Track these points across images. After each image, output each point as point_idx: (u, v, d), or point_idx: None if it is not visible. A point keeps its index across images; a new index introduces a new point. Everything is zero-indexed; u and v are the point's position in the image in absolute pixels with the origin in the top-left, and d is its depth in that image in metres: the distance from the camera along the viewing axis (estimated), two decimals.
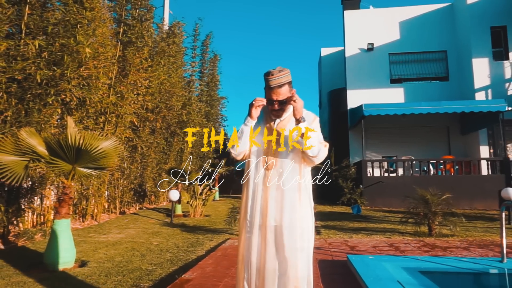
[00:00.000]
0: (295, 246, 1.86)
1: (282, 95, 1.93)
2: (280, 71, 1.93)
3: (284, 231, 1.87)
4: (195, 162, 15.14)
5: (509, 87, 13.58)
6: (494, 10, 13.86)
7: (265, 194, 1.94)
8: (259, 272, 1.87)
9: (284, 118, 2.04)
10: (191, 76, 13.35)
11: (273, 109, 1.98)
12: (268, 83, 1.92)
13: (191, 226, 7.69)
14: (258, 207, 1.93)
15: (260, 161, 1.99)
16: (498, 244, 5.09)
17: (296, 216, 1.91)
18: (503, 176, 11.18)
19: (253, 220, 1.92)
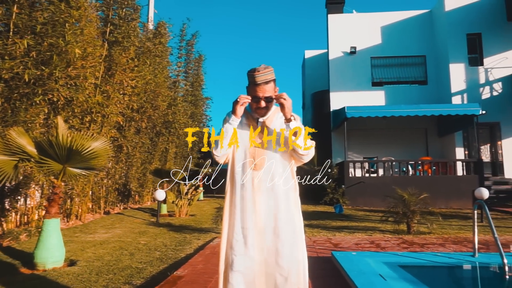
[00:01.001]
0: (291, 248, 1.82)
1: (267, 92, 1.89)
2: (265, 68, 1.89)
3: (279, 233, 1.82)
4: (179, 162, 15.14)
5: (483, 91, 14.21)
6: (470, 18, 14.47)
7: (254, 196, 1.85)
8: (254, 277, 1.79)
9: (268, 117, 1.99)
10: (176, 76, 13.37)
11: (258, 106, 1.92)
12: (254, 79, 1.86)
13: (177, 225, 7.76)
14: (249, 210, 1.83)
15: (247, 162, 1.90)
16: (471, 241, 5.41)
17: (290, 218, 1.86)
18: (476, 177, 11.71)
19: (243, 224, 1.83)
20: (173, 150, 13.53)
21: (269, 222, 1.83)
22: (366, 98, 15.27)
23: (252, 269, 1.80)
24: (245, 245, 1.81)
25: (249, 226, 1.83)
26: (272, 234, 1.82)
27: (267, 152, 1.91)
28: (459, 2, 14.59)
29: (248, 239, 1.82)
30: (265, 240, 1.82)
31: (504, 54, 14.24)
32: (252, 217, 1.83)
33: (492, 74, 14.22)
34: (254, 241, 1.82)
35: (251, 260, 1.80)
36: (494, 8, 14.50)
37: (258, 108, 1.93)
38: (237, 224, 1.85)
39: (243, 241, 1.82)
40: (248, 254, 1.81)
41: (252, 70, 1.89)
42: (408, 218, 6.30)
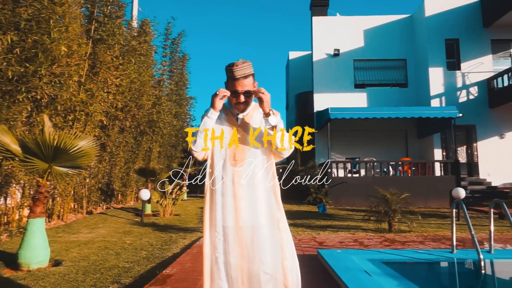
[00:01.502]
0: (274, 245, 1.80)
1: (247, 86, 1.86)
2: (244, 62, 1.86)
3: (261, 230, 1.79)
4: (162, 161, 15.04)
5: (460, 95, 14.72)
6: (449, 23, 14.97)
7: (235, 193, 1.81)
8: (241, 276, 1.76)
9: (248, 113, 1.96)
10: (161, 75, 13.27)
11: (237, 102, 1.88)
12: (233, 74, 1.83)
13: (162, 225, 7.74)
14: (229, 207, 1.80)
15: (227, 159, 1.87)
16: (449, 238, 5.64)
17: (272, 214, 1.84)
18: (453, 177, 12.13)
19: (224, 222, 1.80)
20: (156, 150, 13.43)
21: (250, 219, 1.79)
22: (348, 99, 15.57)
23: (236, 267, 1.76)
24: (227, 243, 1.78)
25: (230, 225, 1.79)
26: (254, 231, 1.78)
27: (247, 148, 1.87)
28: (438, 8, 15.07)
29: (229, 237, 1.78)
30: (247, 237, 1.77)
31: (480, 59, 14.80)
32: (233, 215, 1.79)
33: (469, 78, 14.75)
34: (236, 239, 1.77)
35: (234, 258, 1.76)
36: (471, 15, 15.05)
37: (238, 103, 1.90)
38: (218, 222, 1.81)
39: (224, 239, 1.79)
40: (231, 252, 1.77)
41: (230, 64, 1.85)
42: (390, 217, 6.50)
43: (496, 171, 13.72)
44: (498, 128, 14.24)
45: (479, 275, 3.24)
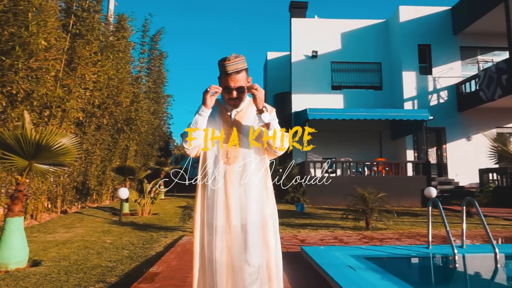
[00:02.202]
0: (266, 244, 1.79)
1: (240, 82, 1.81)
2: (237, 57, 1.81)
3: (251, 230, 1.76)
4: (139, 160, 14.79)
5: (431, 98, 15.36)
6: (421, 30, 15.58)
7: (226, 191, 1.79)
8: (226, 274, 1.75)
9: (241, 109, 1.92)
10: (139, 72, 13.05)
11: (230, 97, 1.84)
12: (225, 69, 1.78)
13: (141, 224, 7.64)
14: (220, 205, 1.78)
15: (219, 156, 1.84)
16: (422, 235, 5.92)
17: (264, 213, 1.82)
18: (425, 177, 12.65)
19: (214, 221, 1.78)
20: (133, 148, 13.20)
21: (241, 218, 1.77)
22: (325, 101, 15.89)
23: (223, 265, 1.75)
24: (217, 241, 1.76)
25: (220, 223, 1.77)
26: (244, 230, 1.76)
27: (241, 146, 1.84)
28: (412, 15, 15.65)
29: (218, 236, 1.76)
30: (237, 236, 1.76)
31: (450, 65, 15.50)
32: (223, 213, 1.77)
33: (439, 83, 15.42)
34: (225, 237, 1.76)
35: (222, 257, 1.75)
36: (442, 22, 15.73)
37: (231, 99, 1.86)
38: (208, 220, 1.80)
39: (214, 237, 1.77)
40: (220, 250, 1.75)
41: (222, 59, 1.80)
42: (367, 215, 6.73)
43: (463, 171, 14.42)
44: (465, 131, 14.98)
45: (453, 268, 3.45)
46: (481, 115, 14.69)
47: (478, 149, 14.01)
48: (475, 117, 14.83)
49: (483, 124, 14.68)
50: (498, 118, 14.77)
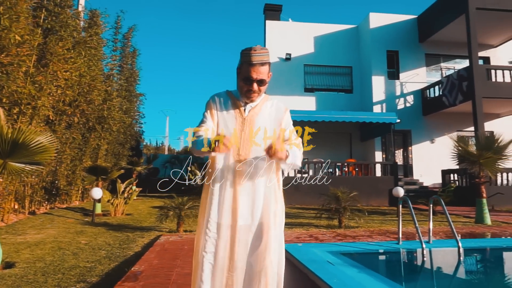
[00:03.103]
0: (269, 244, 1.74)
1: (262, 74, 1.73)
2: (262, 49, 1.74)
3: (258, 229, 1.74)
4: (109, 159, 14.45)
5: (398, 102, 16.06)
6: (390, 36, 16.25)
7: (235, 190, 1.74)
8: (228, 274, 1.71)
9: (256, 105, 1.85)
10: (111, 69, 12.76)
11: (249, 89, 1.76)
12: (250, 58, 1.70)
13: (115, 224, 7.53)
14: (227, 204, 1.73)
15: (230, 152, 1.74)
16: (392, 232, 6.25)
17: (272, 213, 1.78)
18: (392, 178, 13.20)
19: (221, 219, 1.73)
20: (104, 147, 12.89)
21: (248, 218, 1.73)
22: (298, 103, 16.21)
23: (225, 265, 1.71)
24: (221, 241, 1.71)
25: (224, 222, 1.72)
26: (251, 230, 1.73)
27: (254, 143, 1.78)
28: (382, 22, 16.30)
29: (223, 235, 1.71)
30: (242, 236, 1.72)
31: (415, 70, 16.28)
32: (229, 213, 1.72)
33: (406, 87, 16.15)
34: (230, 237, 1.71)
35: (225, 257, 1.71)
36: (409, 30, 16.49)
37: (249, 91, 1.77)
38: (213, 219, 1.74)
39: (218, 236, 1.72)
40: (224, 249, 1.71)
41: (247, 48, 1.73)
42: (340, 214, 7.00)
43: (427, 172, 15.20)
44: (429, 133, 15.79)
45: (422, 262, 3.72)
46: (444, 119, 15.55)
47: (441, 151, 14.82)
48: (438, 121, 15.67)
49: (445, 128, 15.54)
50: (459, 122, 15.68)
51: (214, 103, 1.87)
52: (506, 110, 15.49)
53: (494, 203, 10.93)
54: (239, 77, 1.79)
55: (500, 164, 7.99)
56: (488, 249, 4.49)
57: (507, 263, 4.21)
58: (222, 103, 1.86)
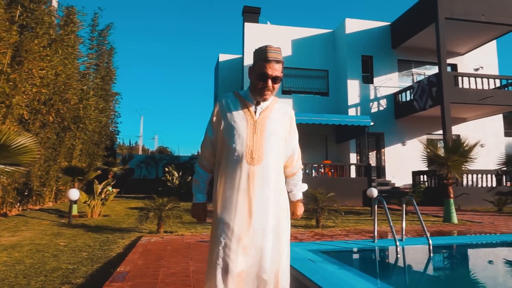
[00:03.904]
0: (279, 250, 1.74)
1: (277, 72, 1.75)
2: (277, 48, 1.78)
3: (269, 234, 1.72)
4: (84, 159, 14.13)
5: (372, 106, 16.61)
6: (365, 42, 16.79)
7: (249, 192, 1.71)
8: (240, 277, 1.67)
9: (267, 107, 1.84)
10: (87, 68, 12.50)
11: (264, 86, 1.76)
12: (266, 55, 1.73)
13: (93, 226, 7.44)
14: (243, 207, 1.70)
15: (244, 155, 1.73)
16: (367, 231, 6.53)
17: (282, 217, 1.79)
18: (366, 179, 13.66)
19: (233, 223, 1.69)
20: (79, 147, 12.61)
21: (262, 221, 1.71)
22: None
23: (241, 269, 1.67)
24: (240, 245, 1.67)
25: (240, 226, 1.68)
26: (263, 233, 1.71)
27: (264, 146, 1.77)
28: (357, 27, 16.81)
29: (235, 238, 1.67)
30: (255, 239, 1.69)
31: (388, 75, 16.90)
32: (246, 215, 1.69)
33: (380, 91, 16.74)
34: (243, 240, 1.68)
35: (244, 262, 1.67)
36: (383, 36, 17.10)
37: (263, 88, 1.77)
38: (230, 222, 1.69)
39: (238, 240, 1.67)
40: (242, 254, 1.67)
41: (262, 46, 1.78)
42: (318, 214, 7.23)
43: (399, 173, 15.81)
44: (401, 136, 16.43)
45: (396, 259, 3.98)
46: (414, 122, 16.23)
47: (411, 153, 15.47)
48: (409, 124, 16.34)
49: (415, 131, 16.23)
50: (428, 125, 16.41)
51: (221, 109, 1.85)
52: (471, 115, 16.37)
53: (460, 203, 11.55)
54: (253, 75, 1.80)
55: (466, 166, 8.49)
56: (455, 246, 4.83)
57: (472, 259, 4.56)
58: (230, 107, 1.83)
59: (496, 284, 3.47)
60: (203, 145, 1.94)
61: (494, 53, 18.10)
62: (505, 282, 3.50)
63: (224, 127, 1.80)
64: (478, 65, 17.62)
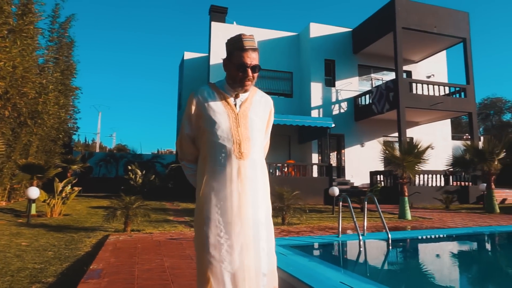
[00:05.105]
0: (270, 243, 1.74)
1: (255, 60, 1.69)
2: (250, 35, 1.72)
3: (261, 229, 1.69)
4: (40, 156, 13.48)
5: (334, 108, 17.27)
6: (328, 46, 17.42)
7: (240, 187, 1.65)
8: (236, 273, 1.59)
9: (246, 99, 1.79)
10: (46, 61, 11.93)
11: (244, 76, 1.69)
12: (242, 44, 1.67)
13: (55, 225, 7.19)
14: (235, 202, 1.63)
15: (232, 150, 1.67)
16: (330, 228, 6.89)
17: (269, 209, 1.79)
18: (327, 178, 14.21)
19: (226, 218, 1.62)
20: (36, 143, 12.02)
21: (255, 217, 1.67)
22: None
23: (235, 264, 1.60)
24: (233, 243, 1.61)
25: (232, 221, 1.62)
26: (255, 228, 1.66)
27: (250, 140, 1.73)
28: (321, 32, 17.40)
29: (232, 234, 1.61)
30: (249, 234, 1.64)
31: (349, 79, 17.66)
32: (238, 210, 1.63)
33: (341, 94, 17.44)
34: (238, 235, 1.62)
35: (237, 258, 1.60)
36: (345, 41, 17.84)
37: (243, 79, 1.71)
38: (219, 218, 1.63)
39: (230, 238, 1.61)
40: (235, 250, 1.60)
41: (236, 36, 1.70)
42: (284, 211, 7.50)
43: (357, 173, 16.59)
44: (360, 138, 17.24)
45: (359, 251, 4.30)
46: (373, 125, 17.11)
47: (369, 154, 16.31)
48: (367, 127, 17.19)
49: (373, 133, 17.11)
50: (385, 128, 17.36)
51: (199, 104, 1.75)
52: (424, 119, 17.54)
53: (412, 201, 12.38)
54: (230, 66, 1.72)
55: (419, 166, 9.17)
56: (410, 239, 5.28)
57: (425, 250, 5.02)
58: (208, 101, 1.74)
59: (445, 270, 3.89)
60: (182, 142, 1.86)
61: (444, 62, 19.50)
62: (451, 268, 3.93)
63: (205, 122, 1.72)
64: (430, 72, 18.90)
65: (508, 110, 38.33)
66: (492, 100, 38.89)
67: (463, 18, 15.97)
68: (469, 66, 15.73)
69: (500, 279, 3.71)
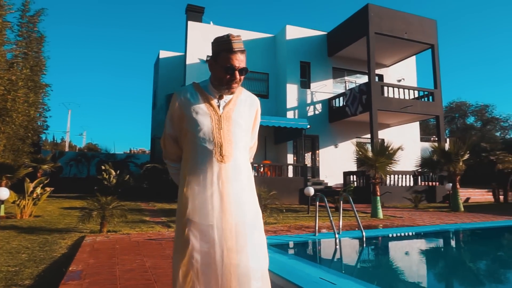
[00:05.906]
0: (259, 246, 1.63)
1: (243, 62, 1.67)
2: (238, 36, 1.67)
3: (247, 231, 1.59)
4: (8, 156, 12.93)
5: (309, 110, 17.60)
6: (303, 48, 17.73)
7: (222, 191, 1.58)
8: (220, 277, 1.51)
9: (231, 99, 1.75)
10: (15, 56, 11.47)
11: (232, 79, 1.66)
12: (231, 45, 1.63)
13: (26, 227, 6.97)
14: (216, 206, 1.56)
15: (213, 153, 1.62)
16: (306, 226, 7.08)
17: (256, 211, 1.69)
18: (302, 178, 14.49)
19: (209, 222, 1.55)
20: (3, 142, 11.53)
21: (235, 218, 1.58)
22: None
23: (214, 267, 1.52)
24: (212, 244, 1.53)
25: (215, 225, 1.55)
26: (238, 230, 1.57)
27: (233, 143, 1.67)
28: (297, 34, 17.69)
29: (216, 238, 1.54)
30: (234, 237, 1.56)
31: (324, 82, 18.05)
32: (220, 214, 1.56)
33: (316, 96, 17.80)
34: (223, 239, 1.54)
35: (220, 261, 1.52)
36: (320, 44, 18.22)
37: (230, 81, 1.67)
38: (200, 221, 1.56)
39: (207, 240, 1.54)
40: (217, 253, 1.53)
41: (224, 36, 1.66)
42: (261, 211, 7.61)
43: (331, 173, 16.99)
44: (334, 139, 17.66)
45: (336, 249, 4.48)
46: (346, 126, 17.57)
47: (343, 155, 16.74)
48: (341, 128, 17.64)
49: (347, 134, 17.58)
50: (358, 129, 17.88)
51: (182, 104, 1.71)
52: (395, 121, 18.20)
53: (383, 201, 12.84)
54: (217, 68, 1.68)
55: (390, 167, 9.55)
56: (383, 237, 5.53)
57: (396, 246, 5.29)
58: (191, 101, 1.70)
59: (414, 265, 4.13)
60: (166, 142, 1.83)
61: (413, 67, 20.31)
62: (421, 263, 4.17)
63: (187, 123, 1.68)
64: (400, 77, 19.63)
65: (472, 114, 40.34)
66: (457, 104, 40.78)
67: (431, 25, 16.71)
68: (437, 71, 16.48)
69: (464, 273, 3.99)
